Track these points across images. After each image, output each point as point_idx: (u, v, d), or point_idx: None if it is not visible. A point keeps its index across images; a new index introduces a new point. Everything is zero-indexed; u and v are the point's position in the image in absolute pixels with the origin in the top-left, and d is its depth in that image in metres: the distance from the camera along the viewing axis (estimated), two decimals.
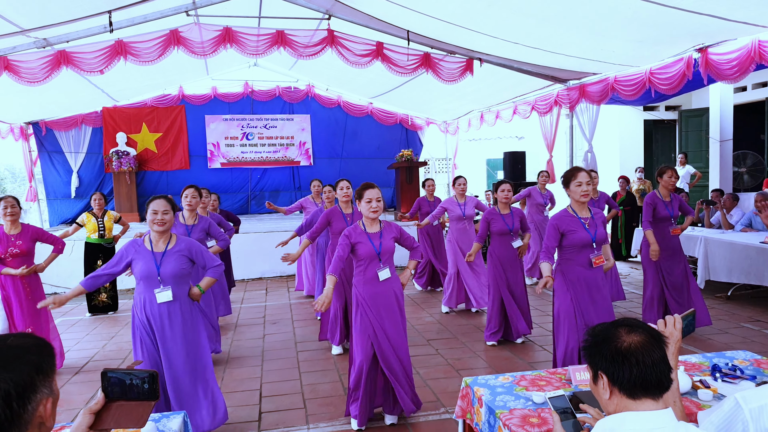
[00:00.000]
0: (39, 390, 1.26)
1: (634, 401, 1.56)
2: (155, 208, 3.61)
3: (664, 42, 6.62)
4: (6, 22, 6.33)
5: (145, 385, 1.60)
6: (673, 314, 2.04)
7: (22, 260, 5.30)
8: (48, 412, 1.29)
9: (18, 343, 1.28)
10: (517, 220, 5.91)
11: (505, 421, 2.33)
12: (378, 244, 3.99)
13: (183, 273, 3.68)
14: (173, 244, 3.69)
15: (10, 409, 1.20)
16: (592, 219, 4.12)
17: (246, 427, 4.16)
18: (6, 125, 11.17)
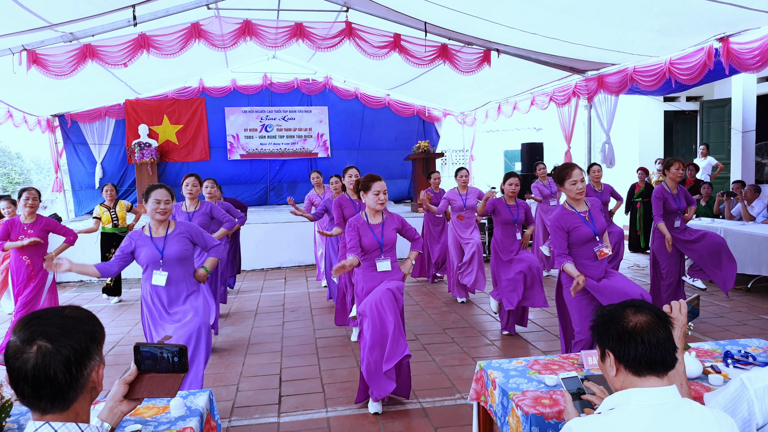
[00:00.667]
0: (93, 357, 1.37)
1: (640, 378, 1.63)
2: (158, 197, 3.73)
3: (684, 32, 6.58)
4: (35, 17, 6.49)
5: (175, 358, 1.71)
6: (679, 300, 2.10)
7: (32, 249, 5.50)
8: (99, 377, 1.40)
9: (74, 314, 1.39)
10: (522, 212, 5.97)
11: (518, 402, 2.41)
12: (380, 235, 4.07)
13: (186, 255, 3.82)
14: (173, 229, 3.84)
15: (70, 374, 1.31)
16: (589, 211, 4.15)
17: (266, 409, 4.28)
18: (33, 118, 11.41)
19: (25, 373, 1.29)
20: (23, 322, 1.34)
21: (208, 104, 13.42)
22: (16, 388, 1.32)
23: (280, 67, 13.27)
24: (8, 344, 1.33)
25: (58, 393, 1.32)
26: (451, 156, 15.28)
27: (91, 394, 1.40)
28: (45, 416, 1.33)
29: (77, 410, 1.36)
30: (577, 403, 2.08)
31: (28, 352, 1.29)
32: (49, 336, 1.31)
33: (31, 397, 1.32)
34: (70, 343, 1.32)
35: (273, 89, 13.63)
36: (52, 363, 1.29)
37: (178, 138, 13.31)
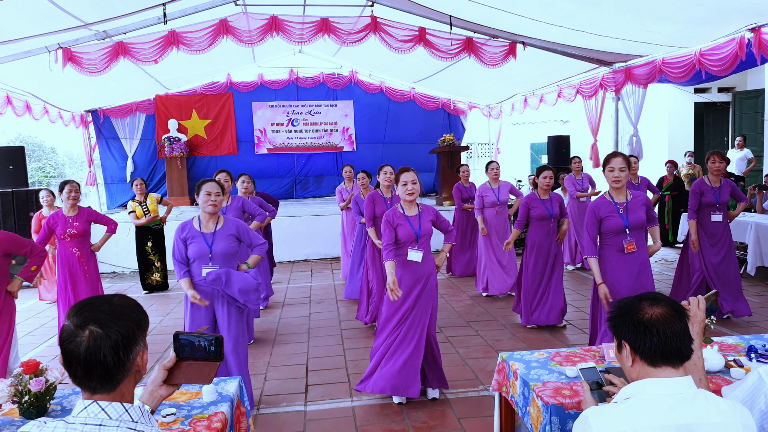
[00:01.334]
0: (138, 342, 1.48)
1: (655, 369, 1.67)
2: (208, 189, 3.86)
3: (714, 22, 6.49)
4: (71, 17, 6.68)
5: (211, 347, 1.80)
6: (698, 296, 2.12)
7: (79, 240, 5.71)
8: (144, 362, 1.51)
9: (122, 302, 1.49)
10: (557, 205, 5.94)
11: (539, 393, 2.46)
12: (417, 226, 4.13)
13: (232, 251, 3.94)
14: (221, 225, 3.95)
15: (117, 357, 1.41)
16: (627, 203, 4.16)
17: (293, 398, 4.39)
18: (68, 113, 11.72)
19: (78, 356, 1.39)
20: (76, 308, 1.44)
21: (235, 99, 13.61)
22: (70, 369, 1.42)
23: (306, 62, 13.39)
24: (63, 328, 1.43)
25: (107, 375, 1.42)
26: (477, 149, 15.25)
27: (136, 377, 1.50)
28: (94, 396, 1.44)
29: (123, 391, 1.46)
30: (596, 394, 2.12)
31: (81, 335, 1.39)
32: (100, 322, 1.41)
33: (83, 378, 1.42)
34: (118, 328, 1.42)
35: (299, 84, 13.75)
36: (102, 347, 1.40)
37: (206, 132, 13.53)
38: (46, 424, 1.44)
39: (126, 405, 1.45)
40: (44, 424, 1.44)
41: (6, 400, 2.42)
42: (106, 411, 1.41)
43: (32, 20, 6.68)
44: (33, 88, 9.73)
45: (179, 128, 13.14)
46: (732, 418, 1.59)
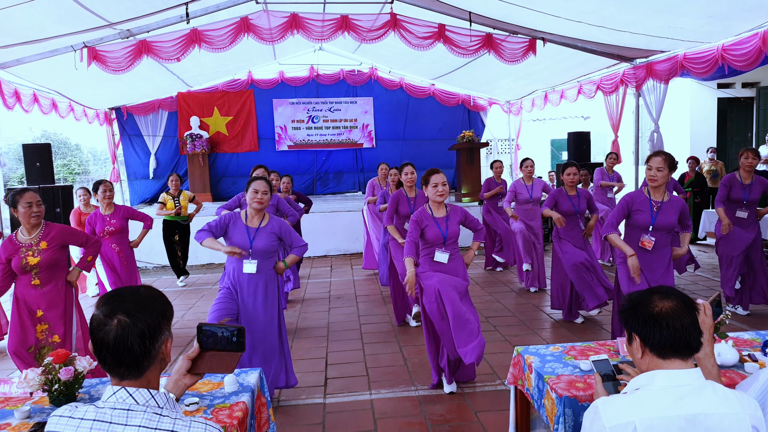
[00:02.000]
0: (163, 332, 1.55)
1: (664, 360, 1.70)
2: (256, 188, 3.98)
3: (737, 16, 6.42)
4: (96, 17, 6.83)
5: (233, 338, 1.87)
6: (703, 302, 2.13)
7: (118, 237, 5.90)
8: (168, 350, 1.58)
9: (148, 293, 1.57)
10: (584, 201, 5.92)
11: (553, 385, 2.50)
12: (444, 228, 4.17)
13: (271, 249, 4.05)
14: (266, 222, 4.06)
15: (144, 345, 1.49)
16: (662, 204, 4.16)
17: (313, 391, 4.48)
18: (92, 111, 11.95)
19: (107, 343, 1.47)
20: (105, 298, 1.52)
21: (256, 96, 13.74)
22: (99, 356, 1.50)
23: (327, 59, 13.46)
24: (92, 317, 1.51)
25: (134, 362, 1.49)
26: (497, 145, 15.21)
27: (161, 365, 1.58)
28: (122, 382, 1.51)
29: (149, 378, 1.54)
30: (608, 385, 2.16)
31: (110, 324, 1.47)
32: (128, 311, 1.49)
33: (112, 365, 1.50)
34: (144, 318, 1.50)
35: (319, 81, 13.84)
36: (129, 335, 1.47)
37: (228, 129, 13.69)
38: (77, 408, 1.52)
39: (152, 391, 1.52)
40: (75, 408, 1.52)
41: (37, 389, 2.52)
42: (133, 396, 1.49)
43: (59, 20, 6.83)
44: (59, 86, 9.94)
45: (201, 125, 13.32)
46: (740, 409, 1.62)
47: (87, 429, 1.45)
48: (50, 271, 4.06)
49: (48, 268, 4.05)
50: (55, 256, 4.05)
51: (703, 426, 1.60)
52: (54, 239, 4.02)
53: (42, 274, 4.04)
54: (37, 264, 3.98)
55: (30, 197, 3.96)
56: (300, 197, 8.21)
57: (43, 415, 2.44)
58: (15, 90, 8.62)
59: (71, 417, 1.49)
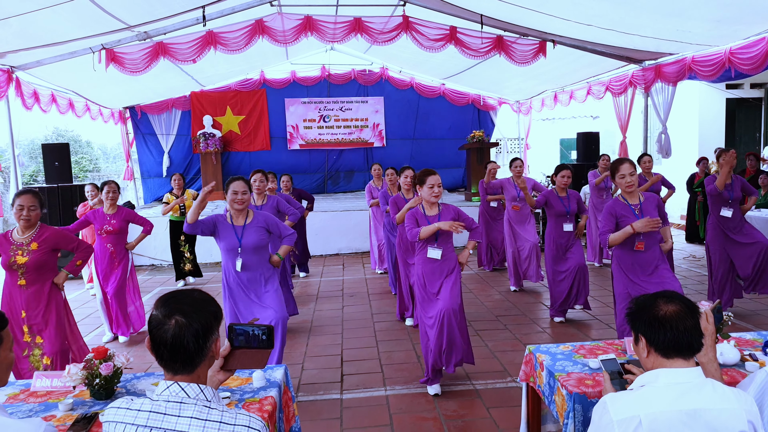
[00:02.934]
0: (214, 332, 1.72)
1: (668, 360, 1.85)
2: (235, 189, 4.12)
3: (745, 21, 6.51)
4: (116, 20, 7.00)
5: (263, 336, 2.02)
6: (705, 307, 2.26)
7: (114, 238, 6.05)
8: (217, 349, 1.75)
9: (201, 296, 1.73)
10: (574, 202, 6.12)
11: (563, 383, 2.64)
12: None
13: (262, 243, 4.20)
14: (251, 219, 4.21)
15: (197, 344, 1.65)
16: (641, 204, 4.30)
17: (330, 386, 4.64)
18: (107, 110, 12.15)
19: (165, 341, 1.63)
20: (163, 300, 1.69)
21: (268, 96, 13.91)
22: (157, 352, 1.66)
23: (338, 59, 13.61)
24: (151, 317, 1.67)
25: (188, 358, 1.66)
26: (506, 145, 15.32)
27: (209, 362, 1.74)
28: (175, 377, 1.67)
29: (199, 374, 1.70)
30: (616, 382, 2.30)
31: (168, 324, 1.63)
32: (184, 312, 1.65)
33: (168, 360, 1.66)
34: (199, 319, 1.66)
35: (331, 80, 13.99)
36: (185, 334, 1.63)
37: (240, 128, 13.87)
38: (134, 401, 1.68)
39: (201, 386, 1.68)
40: (132, 400, 1.68)
41: (79, 383, 2.69)
42: (185, 391, 1.65)
43: (80, 24, 7.01)
44: (76, 87, 10.13)
45: (214, 124, 13.49)
46: (737, 405, 1.76)
47: (144, 419, 1.61)
48: (37, 273, 4.10)
49: (35, 270, 4.09)
50: (43, 258, 4.10)
51: (702, 420, 1.74)
52: (45, 241, 4.09)
53: (28, 274, 4.09)
54: (24, 264, 4.05)
55: (23, 201, 4.02)
56: (302, 194, 8.37)
57: (85, 408, 2.61)
58: (34, 90, 8.81)
59: (129, 408, 1.65)
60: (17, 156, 9.07)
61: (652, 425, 1.75)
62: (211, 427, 1.60)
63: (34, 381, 2.82)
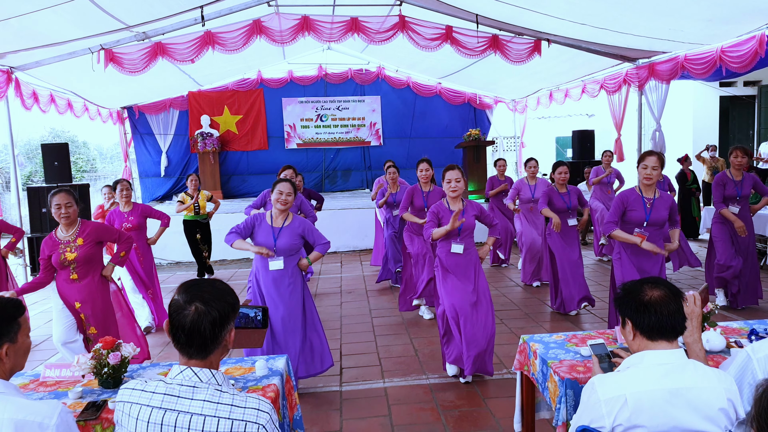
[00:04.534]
0: (230, 322, 1.80)
1: (653, 342, 1.94)
2: (281, 189, 4.25)
3: (735, 20, 6.62)
4: (115, 20, 7.08)
5: (258, 316, 2.13)
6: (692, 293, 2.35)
7: (135, 234, 6.15)
8: (231, 338, 1.83)
9: (221, 286, 1.83)
10: (575, 197, 6.24)
11: (555, 369, 2.74)
12: None
13: (295, 247, 4.30)
14: (290, 221, 4.31)
15: (214, 331, 1.74)
16: (654, 200, 4.40)
17: (329, 379, 4.73)
18: (105, 110, 12.22)
19: (184, 326, 1.72)
20: (185, 287, 1.78)
21: (266, 95, 13.98)
22: (175, 336, 1.75)
23: (335, 58, 13.68)
24: (172, 302, 1.76)
25: (203, 344, 1.74)
26: (502, 143, 15.42)
27: (223, 350, 1.83)
28: (190, 361, 1.76)
29: (212, 360, 1.79)
30: (604, 365, 2.41)
31: (188, 309, 1.72)
32: (204, 300, 1.74)
33: (184, 344, 1.74)
34: (217, 307, 1.75)
35: (328, 80, 14.07)
36: (203, 321, 1.72)
37: (238, 128, 13.93)
38: (148, 383, 1.76)
39: (213, 371, 1.77)
40: (146, 383, 1.77)
41: (87, 372, 2.78)
42: (198, 375, 1.73)
43: (80, 24, 7.08)
44: (74, 87, 10.20)
45: (211, 124, 13.56)
46: (717, 384, 1.86)
47: (159, 401, 1.70)
48: (87, 266, 4.30)
49: (85, 263, 4.29)
50: (90, 252, 4.29)
51: (684, 398, 1.84)
52: (89, 235, 4.27)
53: (79, 269, 4.28)
54: (74, 259, 4.23)
55: (60, 199, 4.17)
56: (311, 194, 8.45)
57: (94, 396, 2.69)
58: (33, 91, 8.89)
59: (143, 390, 1.74)
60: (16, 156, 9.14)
61: (636, 403, 1.85)
62: (223, 409, 1.69)
63: (44, 371, 2.91)
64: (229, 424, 1.66)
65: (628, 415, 1.85)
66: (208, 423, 1.66)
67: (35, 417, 1.70)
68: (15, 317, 1.85)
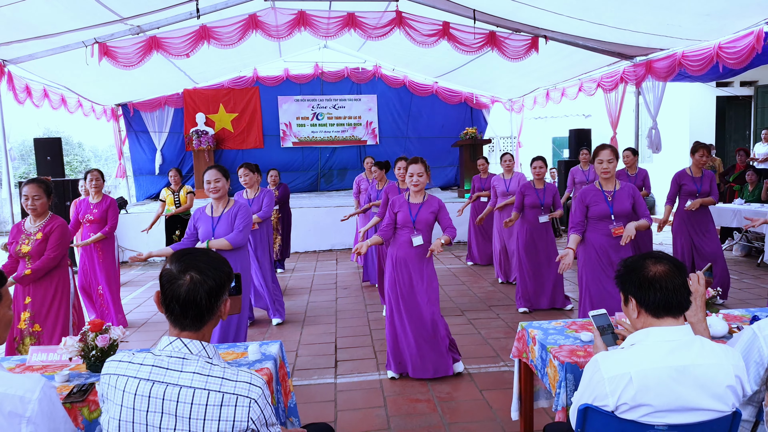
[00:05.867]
0: (224, 291, 1.75)
1: (658, 319, 1.88)
2: (208, 177, 4.22)
3: (733, 15, 6.60)
4: (109, 11, 7.01)
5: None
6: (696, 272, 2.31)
7: (97, 227, 6.00)
8: (226, 309, 1.77)
9: (216, 256, 1.77)
10: (550, 195, 6.22)
11: (555, 354, 2.68)
12: (415, 213, 4.36)
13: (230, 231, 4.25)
14: (228, 208, 4.29)
15: (210, 301, 1.68)
16: (615, 192, 4.39)
17: (324, 372, 4.66)
18: (100, 107, 12.12)
19: (178, 296, 1.65)
20: (177, 256, 1.71)
21: (261, 93, 13.91)
22: (168, 307, 1.68)
23: (331, 57, 13.64)
24: (164, 272, 1.69)
25: (198, 315, 1.68)
26: (499, 142, 15.39)
27: (215, 321, 1.76)
28: (182, 333, 1.69)
29: (204, 332, 1.73)
30: (607, 337, 2.35)
31: (183, 279, 1.66)
32: (200, 269, 1.68)
33: (179, 315, 1.68)
34: (213, 276, 1.69)
35: (324, 78, 14.02)
36: (199, 290, 1.66)
37: (233, 126, 13.86)
38: (135, 355, 1.70)
39: (203, 343, 1.70)
40: (133, 354, 1.70)
41: (75, 355, 2.71)
42: (188, 347, 1.67)
43: (73, 15, 7.00)
44: (68, 82, 10.11)
45: (207, 122, 13.48)
46: (724, 360, 1.80)
47: (146, 373, 1.63)
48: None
49: (39, 259, 4.09)
50: (43, 248, 4.10)
51: (692, 375, 1.78)
52: (49, 233, 4.09)
53: (33, 263, 4.09)
54: (27, 253, 4.07)
55: (28, 190, 4.04)
56: (286, 190, 8.60)
57: (81, 379, 2.62)
58: (26, 85, 8.80)
59: (131, 362, 1.67)
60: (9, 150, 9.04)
61: (642, 381, 1.79)
62: (213, 382, 1.62)
63: (30, 355, 2.83)
64: (219, 397, 1.60)
65: (633, 394, 1.79)
66: (197, 396, 1.59)
67: (16, 390, 1.63)
68: None
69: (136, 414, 1.61)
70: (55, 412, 1.67)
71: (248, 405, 1.61)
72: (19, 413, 1.59)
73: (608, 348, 2.25)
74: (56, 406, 1.70)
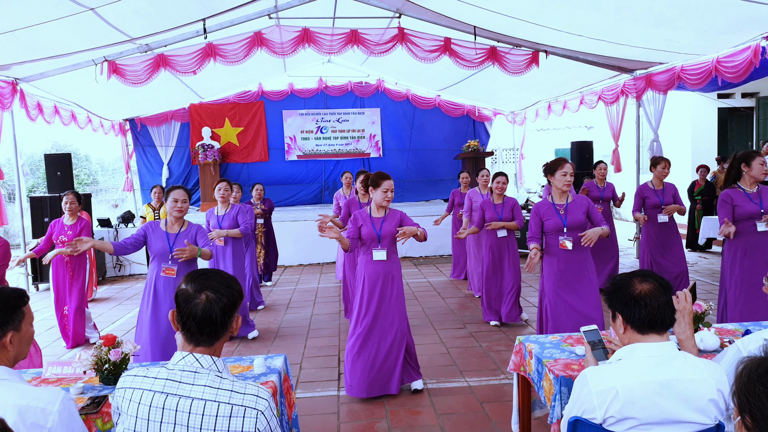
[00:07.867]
0: (237, 309, 1.86)
1: (643, 335, 1.98)
2: (176, 197, 4.29)
3: (731, 30, 6.70)
4: (119, 32, 7.18)
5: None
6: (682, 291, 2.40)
7: None
8: (237, 325, 1.88)
9: (227, 276, 1.89)
10: (508, 209, 6.31)
11: (550, 368, 2.77)
12: (379, 228, 4.44)
13: None
14: (185, 228, 4.40)
15: (224, 318, 1.80)
16: (567, 205, 4.49)
17: (327, 384, 4.76)
18: (108, 122, 12.31)
19: (195, 314, 1.77)
20: (191, 277, 1.83)
21: (266, 107, 14.08)
22: (185, 324, 1.79)
23: (335, 71, 13.80)
24: (179, 292, 1.81)
25: (214, 331, 1.79)
26: (501, 155, 15.49)
27: (227, 337, 1.87)
28: (196, 348, 1.80)
29: (216, 347, 1.84)
30: (598, 352, 2.45)
31: (198, 298, 1.77)
32: (214, 288, 1.80)
33: (194, 332, 1.79)
34: (227, 294, 1.81)
35: (328, 92, 14.18)
36: (215, 308, 1.78)
37: (238, 140, 14.02)
38: (149, 369, 1.81)
39: (214, 358, 1.81)
40: (147, 369, 1.81)
41: (89, 368, 2.82)
42: (199, 361, 1.78)
43: (83, 36, 7.18)
44: (77, 99, 10.30)
45: (212, 136, 13.64)
46: (706, 374, 1.90)
47: (161, 386, 1.74)
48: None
49: None
50: None
51: (675, 390, 1.88)
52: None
53: None
54: None
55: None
56: (271, 205, 8.85)
57: (95, 392, 2.73)
58: (38, 102, 8.98)
59: (146, 376, 1.78)
60: (21, 166, 9.22)
61: (627, 395, 1.88)
62: (223, 395, 1.73)
63: (45, 368, 2.95)
64: (228, 408, 1.70)
65: (620, 407, 1.89)
66: (208, 407, 1.70)
67: (38, 403, 1.74)
68: (19, 306, 1.90)
69: (150, 425, 1.72)
70: (74, 423, 1.78)
71: (255, 416, 1.72)
72: (40, 424, 1.71)
73: (599, 362, 2.35)
74: (75, 418, 1.82)
